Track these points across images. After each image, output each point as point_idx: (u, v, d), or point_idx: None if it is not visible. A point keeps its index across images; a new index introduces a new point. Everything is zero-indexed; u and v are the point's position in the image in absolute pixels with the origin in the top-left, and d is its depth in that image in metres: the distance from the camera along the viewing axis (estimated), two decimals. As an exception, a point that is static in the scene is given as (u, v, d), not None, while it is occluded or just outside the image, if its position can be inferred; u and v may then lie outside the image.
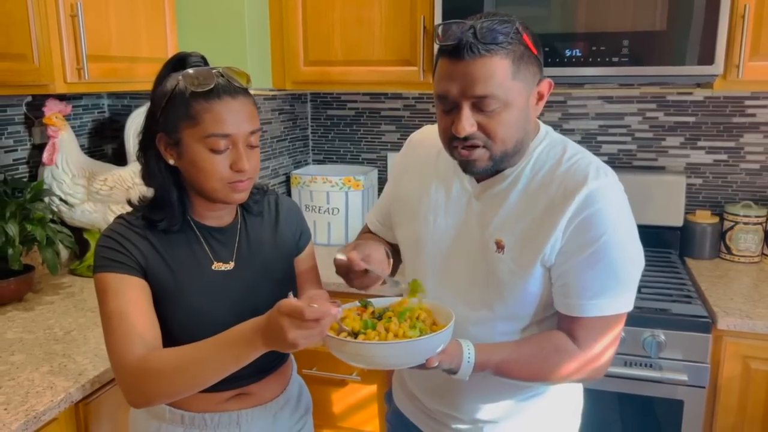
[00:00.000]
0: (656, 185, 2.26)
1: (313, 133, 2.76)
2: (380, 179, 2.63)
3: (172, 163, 1.12)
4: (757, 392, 1.77)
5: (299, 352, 0.98)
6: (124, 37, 1.85)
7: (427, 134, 1.31)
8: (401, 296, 1.14)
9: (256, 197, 1.26)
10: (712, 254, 2.28)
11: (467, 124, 1.05)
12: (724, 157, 2.32)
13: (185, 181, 1.15)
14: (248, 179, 1.13)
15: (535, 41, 1.07)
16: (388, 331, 1.02)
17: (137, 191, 1.72)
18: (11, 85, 1.55)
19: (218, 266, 1.19)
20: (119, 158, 2.32)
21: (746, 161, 2.30)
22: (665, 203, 2.26)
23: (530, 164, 1.14)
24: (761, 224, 2.20)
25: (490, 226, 1.15)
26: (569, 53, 1.93)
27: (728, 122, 2.29)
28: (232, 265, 1.20)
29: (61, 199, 2.02)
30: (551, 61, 1.93)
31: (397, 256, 1.33)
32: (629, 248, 1.10)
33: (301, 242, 1.33)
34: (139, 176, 1.19)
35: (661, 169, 2.38)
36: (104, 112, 2.39)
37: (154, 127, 1.12)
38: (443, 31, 1.04)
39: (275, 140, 2.48)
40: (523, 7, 1.95)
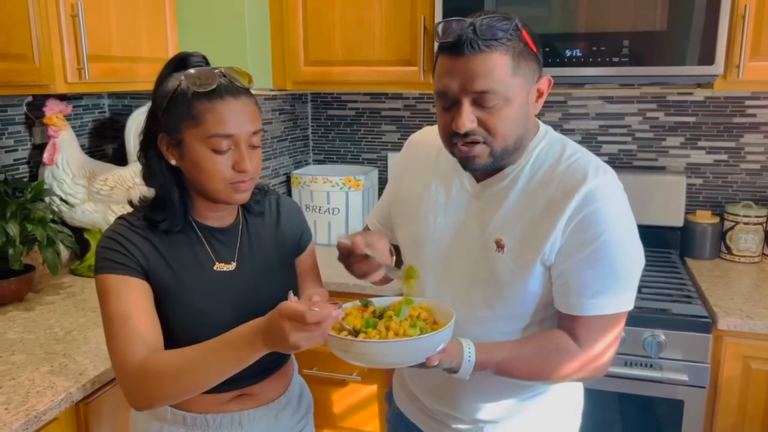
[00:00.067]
0: (656, 185, 2.26)
1: (313, 133, 2.76)
2: (380, 179, 2.63)
3: (173, 163, 1.12)
4: (757, 392, 1.77)
5: (300, 352, 0.98)
6: (124, 37, 1.85)
7: (427, 134, 1.31)
8: (401, 295, 1.14)
9: (257, 197, 1.26)
10: (712, 254, 2.28)
11: (467, 119, 1.05)
12: (724, 157, 2.32)
13: (187, 181, 1.14)
14: (250, 179, 1.12)
15: (534, 38, 1.08)
16: (388, 329, 1.02)
17: (138, 191, 1.72)
18: (12, 85, 1.55)
19: (220, 267, 1.18)
20: (120, 158, 2.33)
21: (746, 161, 2.30)
22: (665, 203, 2.26)
23: (530, 163, 1.14)
24: (761, 224, 2.20)
25: (489, 225, 1.15)
26: (570, 53, 1.93)
27: (728, 122, 2.29)
28: (233, 265, 1.20)
29: (61, 199, 2.02)
30: (552, 61, 1.93)
31: (398, 257, 1.33)
32: (629, 246, 1.10)
33: (302, 242, 1.33)
34: (139, 176, 1.18)
35: (661, 169, 2.38)
36: (105, 112, 2.39)
37: (155, 127, 1.11)
38: (443, 28, 1.05)
39: (276, 140, 2.48)
40: (523, 7, 1.95)
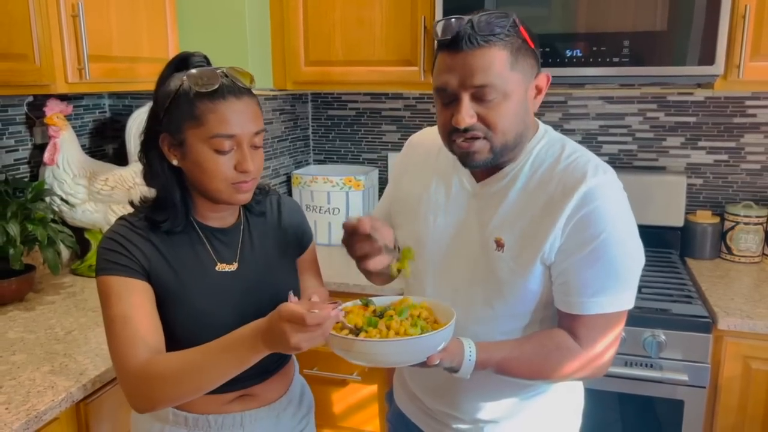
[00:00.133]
0: (657, 185, 2.26)
1: (313, 133, 2.76)
2: (381, 179, 2.63)
3: (175, 163, 1.12)
4: (757, 392, 1.77)
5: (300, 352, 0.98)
6: (125, 37, 1.85)
7: (427, 135, 1.32)
8: (402, 294, 1.14)
9: (258, 197, 1.26)
10: (712, 254, 2.28)
11: (467, 115, 1.05)
12: (724, 157, 2.32)
13: (188, 181, 1.14)
14: (252, 180, 1.12)
15: (531, 35, 1.08)
16: (389, 329, 1.02)
17: (138, 191, 1.72)
18: (12, 85, 1.55)
19: (222, 267, 1.18)
20: (120, 158, 2.33)
21: (747, 161, 2.30)
22: (666, 203, 2.26)
23: (529, 162, 1.14)
24: (762, 224, 2.20)
25: (489, 224, 1.15)
26: (570, 53, 1.93)
27: (729, 122, 2.29)
28: (235, 266, 1.19)
29: (62, 198, 2.02)
30: (552, 61, 1.93)
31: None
32: (629, 245, 1.10)
33: (303, 242, 1.32)
34: (139, 176, 1.18)
35: (661, 169, 2.38)
36: (105, 112, 2.39)
37: (157, 127, 1.11)
38: (442, 26, 1.05)
39: (276, 140, 2.48)
40: (523, 7, 1.95)
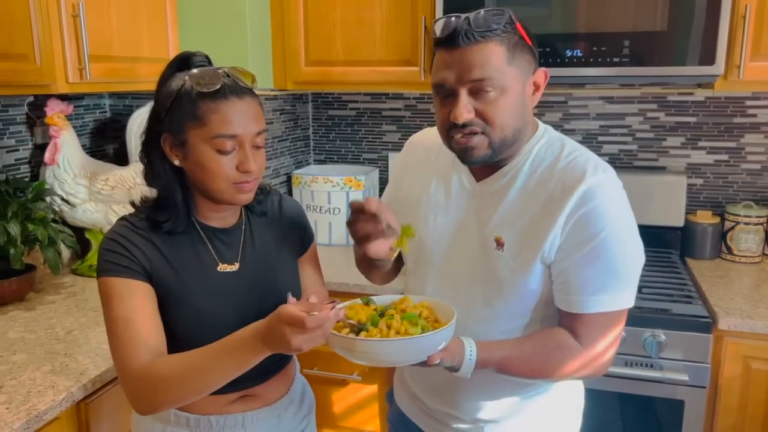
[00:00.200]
0: (657, 185, 2.26)
1: (314, 133, 2.77)
2: (381, 179, 2.63)
3: (177, 163, 1.11)
4: (757, 392, 1.77)
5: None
6: (125, 37, 1.85)
7: (427, 135, 1.32)
8: (402, 294, 1.14)
9: (259, 197, 1.25)
10: (712, 254, 2.28)
11: (465, 110, 1.05)
12: (725, 157, 2.32)
13: (190, 181, 1.14)
14: (254, 180, 1.12)
15: (528, 32, 1.09)
16: (389, 328, 1.02)
17: (139, 191, 1.72)
18: (13, 85, 1.55)
19: (223, 267, 1.18)
20: (121, 158, 2.33)
21: (747, 161, 2.30)
22: (666, 203, 2.26)
23: (528, 161, 1.14)
24: (762, 224, 2.20)
25: (489, 223, 1.15)
26: (570, 53, 1.93)
27: (729, 122, 2.29)
28: (237, 266, 1.19)
29: (62, 198, 2.02)
30: (552, 61, 1.93)
31: (399, 258, 1.33)
32: (629, 244, 1.10)
33: (304, 242, 1.32)
34: (140, 176, 1.18)
35: (662, 169, 2.38)
36: (106, 112, 2.39)
37: (158, 127, 1.11)
38: (440, 25, 1.06)
39: (277, 140, 2.48)
40: (523, 7, 1.95)
